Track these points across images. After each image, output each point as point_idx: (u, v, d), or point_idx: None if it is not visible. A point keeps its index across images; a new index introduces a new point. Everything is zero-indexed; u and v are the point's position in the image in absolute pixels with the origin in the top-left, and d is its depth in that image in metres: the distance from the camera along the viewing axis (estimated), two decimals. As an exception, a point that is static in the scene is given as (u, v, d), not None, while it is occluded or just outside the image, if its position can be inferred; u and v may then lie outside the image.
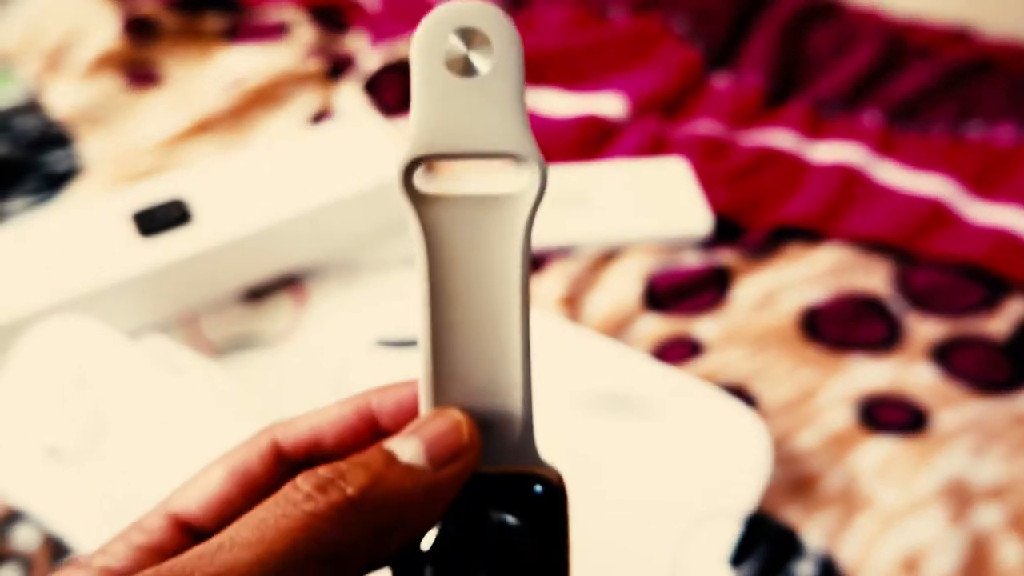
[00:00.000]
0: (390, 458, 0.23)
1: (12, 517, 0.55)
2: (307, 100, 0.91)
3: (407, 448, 0.23)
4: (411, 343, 0.64)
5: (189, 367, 0.59)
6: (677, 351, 0.66)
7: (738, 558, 0.54)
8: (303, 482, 0.22)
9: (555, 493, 0.25)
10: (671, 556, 0.53)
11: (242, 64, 0.94)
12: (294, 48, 0.97)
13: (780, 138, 0.87)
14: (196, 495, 0.25)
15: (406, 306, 0.68)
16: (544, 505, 0.25)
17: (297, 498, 0.21)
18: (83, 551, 0.53)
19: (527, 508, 0.24)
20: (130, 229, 0.66)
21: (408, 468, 0.22)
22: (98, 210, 0.68)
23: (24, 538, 0.54)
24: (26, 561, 0.53)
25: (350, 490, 0.21)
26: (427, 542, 0.24)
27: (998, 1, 1.04)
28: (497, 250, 0.24)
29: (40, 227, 0.68)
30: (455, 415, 0.24)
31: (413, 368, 0.25)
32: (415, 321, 0.24)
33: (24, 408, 0.57)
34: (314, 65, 0.94)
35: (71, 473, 0.55)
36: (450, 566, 0.24)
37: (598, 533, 0.54)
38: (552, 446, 0.57)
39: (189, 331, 0.67)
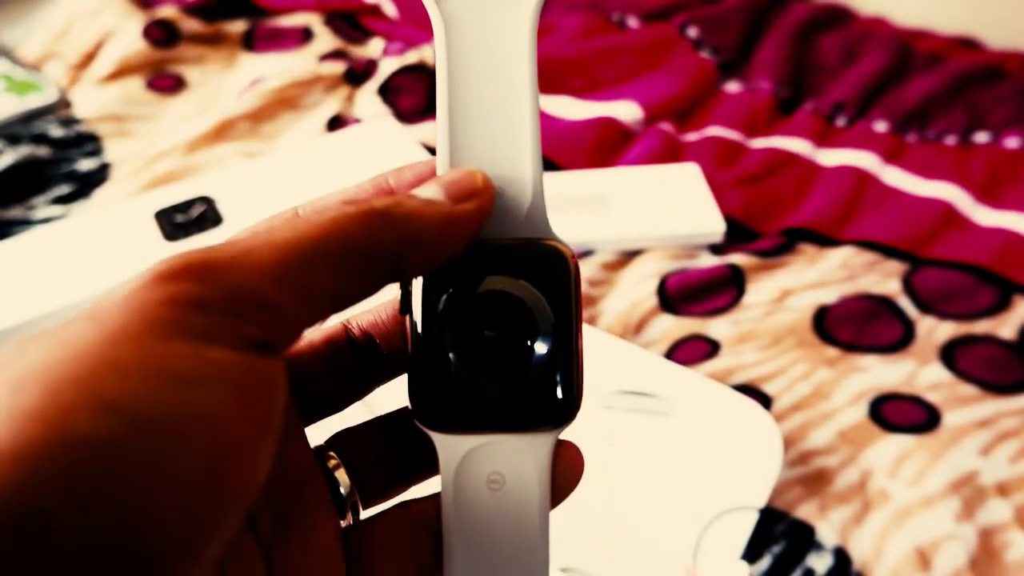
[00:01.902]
0: (412, 195, 0.24)
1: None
2: (326, 105, 0.92)
3: (426, 189, 0.24)
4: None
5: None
6: (692, 351, 0.68)
7: (754, 553, 0.55)
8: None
9: (564, 260, 0.25)
10: (687, 551, 0.54)
11: (263, 69, 0.96)
12: (314, 53, 0.99)
13: (791, 144, 0.88)
14: None
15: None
16: (553, 271, 0.25)
17: (328, 204, 0.23)
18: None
19: (537, 273, 0.25)
20: (156, 231, 0.68)
21: (429, 200, 0.24)
22: (126, 212, 0.70)
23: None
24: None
25: (378, 204, 0.23)
26: (440, 303, 0.25)
27: (1003, 13, 1.05)
28: (509, 28, 0.25)
29: (68, 228, 0.69)
30: (469, 167, 0.25)
31: None
32: (437, 97, 0.26)
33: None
34: (333, 70, 0.96)
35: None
36: (462, 326, 0.25)
37: (614, 529, 0.55)
38: (571, 441, 0.58)
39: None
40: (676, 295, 0.72)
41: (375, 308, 0.28)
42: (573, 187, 0.81)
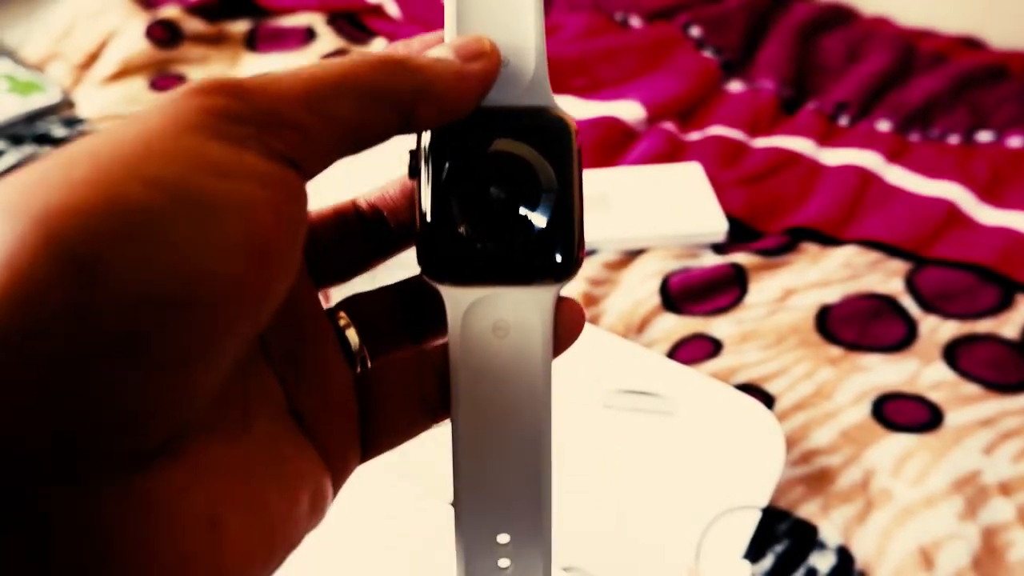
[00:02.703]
0: (425, 54, 0.25)
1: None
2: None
3: (437, 50, 0.25)
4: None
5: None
6: (695, 350, 0.68)
7: (757, 552, 0.55)
8: None
9: (567, 128, 0.26)
10: (690, 551, 0.54)
11: (265, 69, 0.96)
12: (316, 53, 0.99)
13: (794, 144, 0.88)
14: None
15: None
16: (557, 137, 0.26)
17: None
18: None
19: (541, 138, 0.26)
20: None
21: (440, 58, 0.25)
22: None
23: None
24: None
25: (394, 54, 0.24)
26: (448, 163, 0.26)
27: (1007, 12, 1.05)
28: None
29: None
30: (475, 33, 0.26)
31: None
32: None
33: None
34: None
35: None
36: (469, 185, 0.26)
37: (617, 528, 0.55)
38: (572, 442, 0.58)
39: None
40: (678, 294, 0.72)
41: (383, 185, 0.29)
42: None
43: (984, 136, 0.90)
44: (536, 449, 0.27)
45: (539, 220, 0.26)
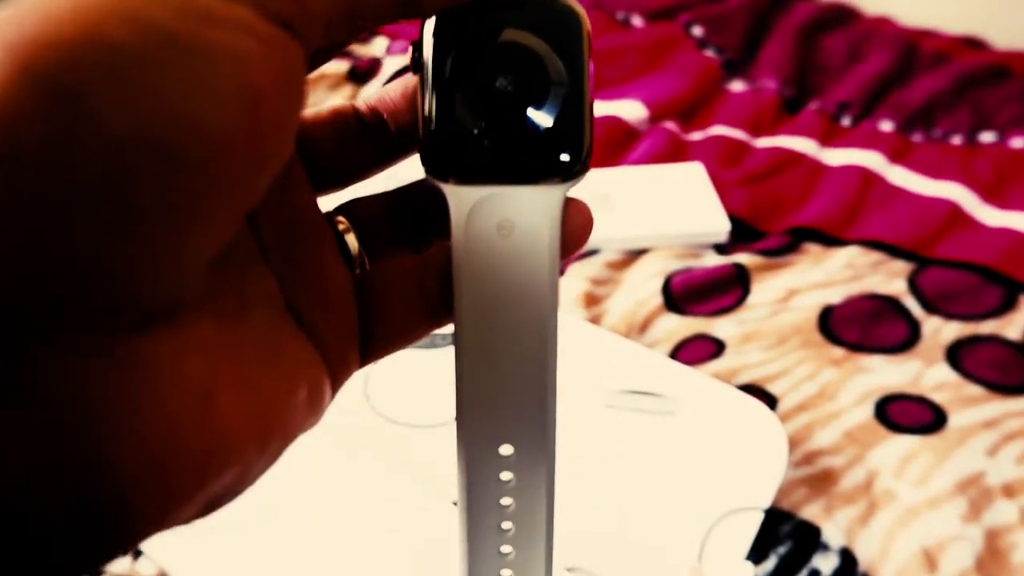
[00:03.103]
0: None
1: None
2: (329, 103, 0.92)
3: None
4: (434, 341, 0.65)
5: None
6: (697, 351, 0.68)
7: (760, 553, 0.55)
8: None
9: (577, 18, 0.25)
10: (693, 552, 0.54)
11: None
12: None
13: (796, 143, 0.88)
14: None
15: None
16: (566, 28, 0.25)
17: None
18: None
19: (550, 29, 0.25)
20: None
21: None
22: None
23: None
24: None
25: None
26: (451, 54, 0.25)
27: (1009, 12, 1.05)
28: None
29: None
30: None
31: (435, 367, 0.27)
32: None
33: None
34: (336, 68, 0.96)
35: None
36: (474, 77, 0.25)
37: (619, 529, 0.55)
38: (574, 442, 0.58)
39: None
40: (681, 294, 0.72)
41: (383, 88, 0.28)
42: (577, 186, 0.80)
43: (987, 136, 0.90)
44: (541, 355, 0.26)
45: (547, 117, 0.25)
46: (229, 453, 0.20)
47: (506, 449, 0.26)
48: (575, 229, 0.26)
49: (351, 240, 0.26)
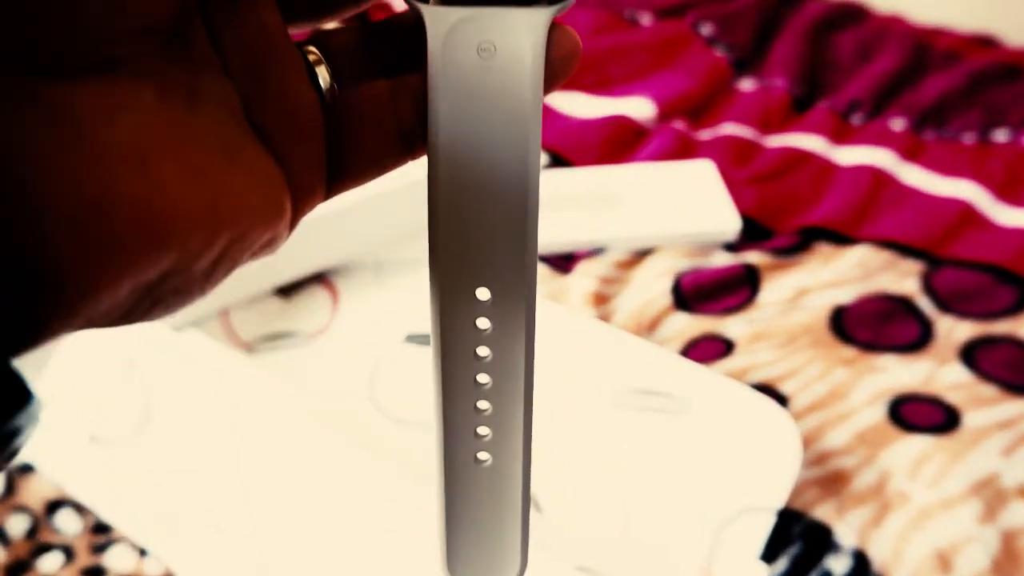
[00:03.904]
0: None
1: (55, 505, 0.56)
2: None
3: None
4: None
5: (228, 360, 0.59)
6: (707, 350, 0.67)
7: (772, 554, 0.54)
8: None
9: None
10: (704, 552, 0.53)
11: None
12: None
13: (806, 142, 0.88)
14: None
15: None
16: None
17: None
18: (126, 536, 0.54)
19: None
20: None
21: None
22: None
23: (67, 525, 0.55)
24: (69, 548, 0.54)
25: None
26: None
27: (1021, 10, 1.04)
28: None
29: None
30: None
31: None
32: None
33: (72, 394, 0.58)
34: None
35: (116, 459, 0.56)
36: None
37: (630, 529, 0.55)
38: (583, 442, 0.58)
39: (223, 327, 0.67)
40: (690, 294, 0.71)
41: None
42: (586, 184, 0.80)
43: (999, 135, 0.89)
44: (522, 190, 0.24)
45: None
46: (167, 231, 0.19)
47: (483, 293, 0.24)
48: (561, 57, 0.25)
49: (322, 72, 0.24)
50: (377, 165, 0.25)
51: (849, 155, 0.86)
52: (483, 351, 0.25)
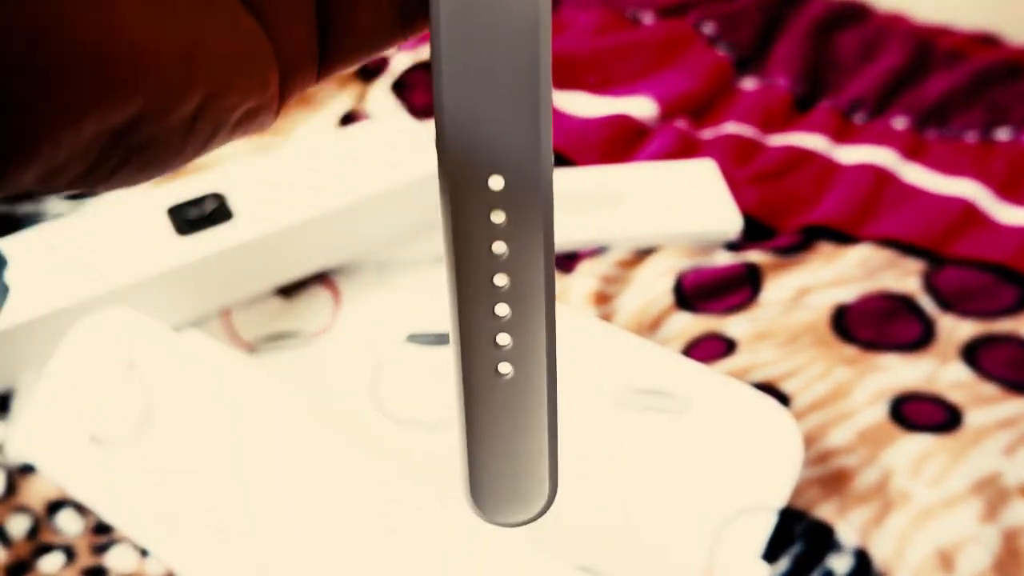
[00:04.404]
0: None
1: (56, 505, 0.56)
2: (339, 101, 0.92)
3: None
4: (442, 339, 0.65)
5: (229, 360, 0.60)
6: (708, 350, 0.67)
7: (773, 553, 0.54)
8: None
9: None
10: (705, 552, 0.53)
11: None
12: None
13: (808, 141, 0.87)
14: None
15: (437, 302, 0.69)
16: None
17: None
18: (127, 536, 0.54)
19: None
20: (169, 226, 0.67)
21: None
22: (138, 208, 0.69)
23: (68, 525, 0.55)
24: (70, 548, 0.54)
25: None
26: None
27: (1023, 10, 1.04)
28: None
29: (81, 224, 0.69)
30: None
31: (443, 364, 0.25)
32: None
33: (73, 395, 0.59)
34: (346, 67, 0.95)
35: (117, 459, 0.56)
36: None
37: (631, 529, 0.54)
38: (585, 441, 0.58)
39: (224, 327, 0.68)
40: (692, 293, 0.71)
41: None
42: (588, 184, 0.80)
43: (1002, 134, 0.89)
44: (533, 67, 0.22)
45: None
46: (130, 68, 0.18)
47: (496, 182, 0.23)
48: None
49: None
50: (370, 42, 0.24)
51: (851, 154, 0.86)
52: (499, 247, 0.23)
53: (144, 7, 0.18)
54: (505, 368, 0.25)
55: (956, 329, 0.69)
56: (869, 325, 0.69)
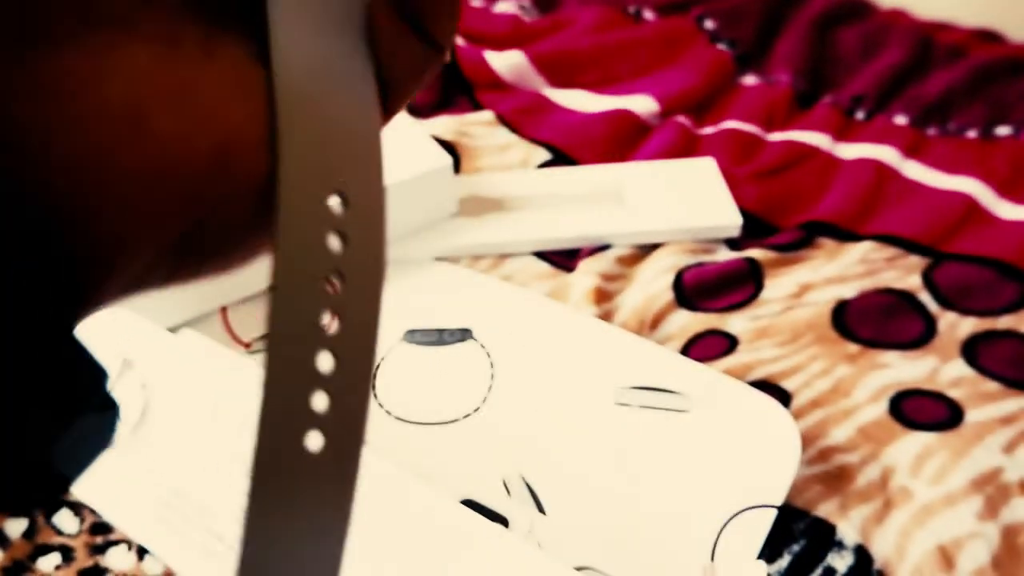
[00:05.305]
0: None
1: (54, 505, 0.56)
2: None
3: None
4: (440, 337, 0.65)
5: (227, 359, 0.59)
6: (709, 346, 0.67)
7: (774, 552, 0.54)
8: None
9: None
10: (705, 550, 0.53)
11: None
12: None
13: (810, 138, 0.87)
14: None
15: (435, 301, 0.69)
16: None
17: None
18: (126, 536, 0.54)
19: None
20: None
21: None
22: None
23: (66, 525, 0.55)
24: (68, 548, 0.54)
25: None
26: None
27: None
28: None
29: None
30: None
31: (440, 363, 0.25)
32: None
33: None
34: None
35: (114, 458, 0.56)
36: None
37: (630, 527, 0.54)
38: (583, 439, 0.57)
39: (222, 327, 0.67)
40: (693, 290, 0.71)
41: None
42: (588, 181, 0.80)
43: (1003, 130, 0.89)
44: (366, 88, 0.21)
45: None
46: (165, 186, 0.18)
47: (334, 202, 0.21)
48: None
49: None
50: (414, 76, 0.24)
51: (852, 151, 0.86)
52: (334, 243, 0.21)
53: (179, 122, 0.19)
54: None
55: (957, 326, 0.68)
56: (870, 322, 0.68)
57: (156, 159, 0.18)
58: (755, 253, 0.74)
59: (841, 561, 0.54)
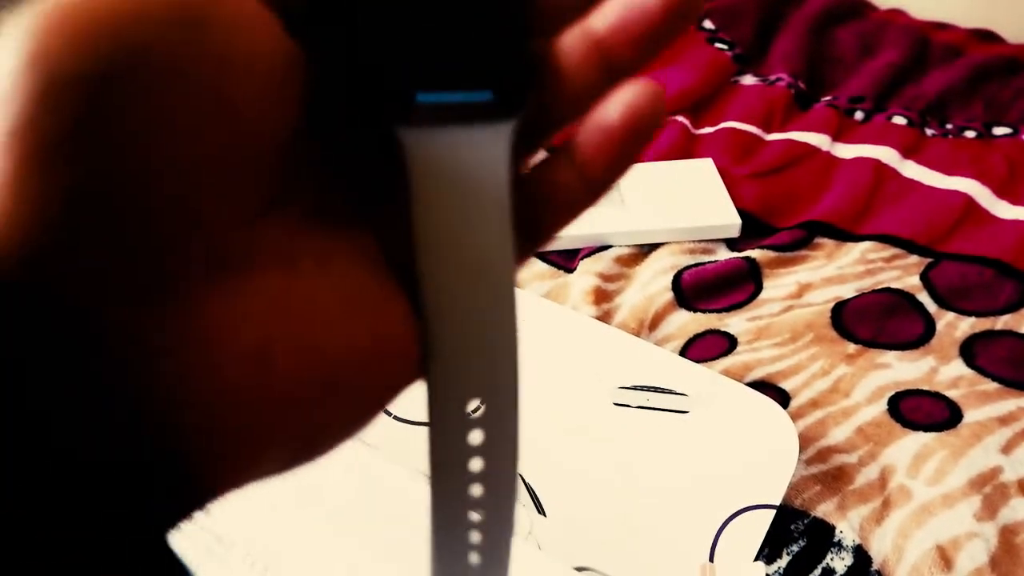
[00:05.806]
0: None
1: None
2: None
3: None
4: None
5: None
6: (709, 347, 0.67)
7: (773, 552, 0.54)
8: None
9: None
10: (704, 550, 0.53)
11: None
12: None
13: (808, 138, 0.87)
14: None
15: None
16: None
17: None
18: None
19: None
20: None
21: None
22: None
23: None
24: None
25: None
26: None
27: (1021, 6, 1.04)
28: None
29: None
30: None
31: None
32: None
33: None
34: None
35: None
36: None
37: (629, 527, 0.55)
38: (583, 440, 0.58)
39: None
40: (692, 290, 0.71)
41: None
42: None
43: (1000, 130, 0.89)
44: (508, 298, 0.22)
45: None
46: (287, 405, 0.19)
47: (474, 405, 0.23)
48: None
49: None
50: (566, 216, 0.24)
51: (851, 150, 0.86)
52: (475, 464, 0.24)
53: (296, 354, 0.19)
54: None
55: (955, 326, 0.69)
56: (869, 322, 0.69)
57: (278, 398, 0.19)
58: (754, 253, 0.74)
59: (840, 561, 0.54)
